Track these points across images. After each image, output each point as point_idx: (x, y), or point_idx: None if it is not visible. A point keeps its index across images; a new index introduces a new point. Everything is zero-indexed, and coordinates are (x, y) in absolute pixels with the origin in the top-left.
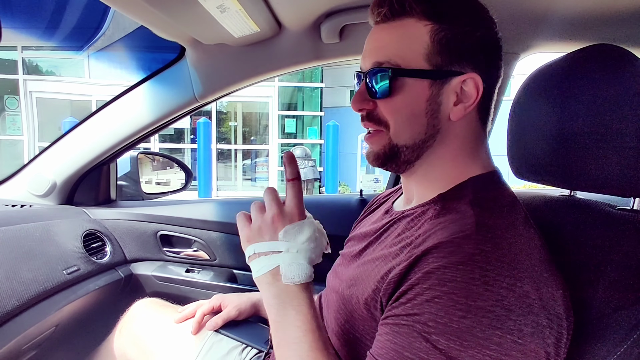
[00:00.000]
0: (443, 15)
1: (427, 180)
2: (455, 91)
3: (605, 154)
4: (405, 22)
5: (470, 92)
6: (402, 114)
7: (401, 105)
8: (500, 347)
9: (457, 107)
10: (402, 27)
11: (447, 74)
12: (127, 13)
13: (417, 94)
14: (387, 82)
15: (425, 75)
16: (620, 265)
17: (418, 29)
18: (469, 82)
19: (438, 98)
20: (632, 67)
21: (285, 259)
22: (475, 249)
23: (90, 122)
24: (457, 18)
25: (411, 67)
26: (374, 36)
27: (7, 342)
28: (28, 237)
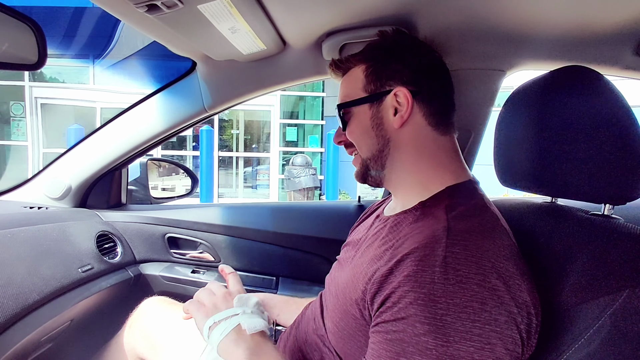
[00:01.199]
0: (371, 56)
1: (406, 189)
2: (392, 105)
3: (578, 165)
4: (352, 71)
5: (403, 101)
6: (357, 134)
7: (355, 129)
8: (481, 337)
9: (396, 116)
10: (349, 75)
11: (379, 95)
12: (143, 31)
13: (362, 116)
14: (342, 115)
15: (363, 101)
16: (586, 264)
17: (357, 72)
18: (400, 94)
19: (379, 114)
20: (599, 87)
21: (244, 316)
22: (446, 252)
23: (104, 130)
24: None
25: (352, 98)
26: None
27: (28, 334)
28: (46, 237)
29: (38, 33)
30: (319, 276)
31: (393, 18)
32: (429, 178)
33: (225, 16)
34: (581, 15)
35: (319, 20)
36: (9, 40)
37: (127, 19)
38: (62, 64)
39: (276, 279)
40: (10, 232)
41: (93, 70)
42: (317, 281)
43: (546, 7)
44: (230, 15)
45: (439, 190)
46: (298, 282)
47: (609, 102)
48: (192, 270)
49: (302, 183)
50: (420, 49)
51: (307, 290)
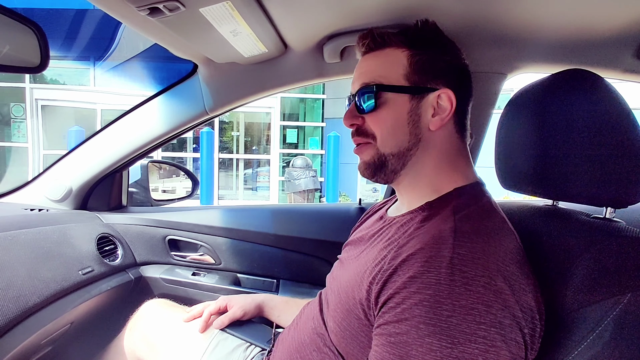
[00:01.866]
0: (417, 43)
1: (415, 190)
2: (432, 105)
3: (580, 168)
4: (386, 50)
5: (445, 105)
6: (387, 124)
7: (386, 117)
8: (486, 339)
9: (435, 118)
10: (384, 54)
11: (424, 90)
12: (144, 34)
13: (399, 106)
14: (373, 98)
15: (405, 91)
16: (588, 267)
17: (397, 54)
18: (443, 97)
19: (418, 110)
20: (600, 90)
21: None
22: (452, 253)
23: (105, 132)
24: (428, 46)
25: (393, 84)
26: (361, 64)
27: (28, 337)
28: (47, 239)
29: (41, 36)
30: (320, 278)
31: (394, 21)
32: (441, 181)
33: (226, 19)
34: (582, 19)
35: (320, 23)
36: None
37: (129, 22)
38: (63, 65)
39: (277, 281)
40: (11, 235)
41: (94, 72)
42: (317, 284)
43: (547, 11)
44: (231, 18)
45: (447, 192)
46: (299, 285)
47: (611, 105)
48: (193, 272)
49: (302, 185)
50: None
51: (308, 292)
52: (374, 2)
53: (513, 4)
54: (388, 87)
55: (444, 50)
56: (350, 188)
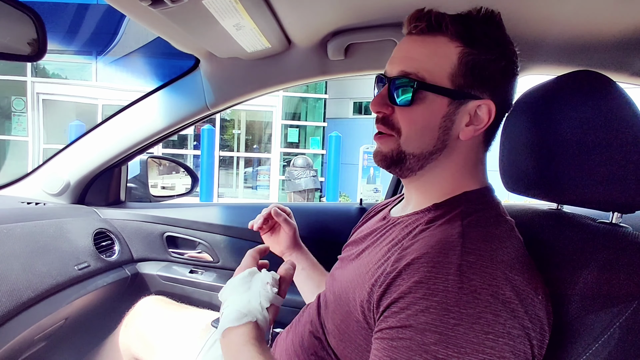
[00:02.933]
0: (474, 40)
1: (425, 190)
2: (469, 113)
3: (587, 173)
4: (438, 39)
5: (483, 116)
6: (418, 124)
7: (418, 117)
8: (494, 350)
9: (468, 128)
10: (434, 44)
11: (466, 96)
12: (147, 26)
13: (436, 109)
14: (410, 92)
15: (447, 94)
16: (595, 274)
17: (449, 48)
18: (483, 108)
19: (453, 116)
20: (610, 93)
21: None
22: (461, 260)
23: (105, 126)
24: (486, 45)
25: (435, 83)
26: (405, 46)
27: (21, 331)
28: (43, 233)
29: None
30: None
31: (398, 20)
32: (452, 185)
33: (230, 12)
34: (590, 21)
35: (325, 19)
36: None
37: (131, 13)
38: (65, 60)
39: None
40: (6, 228)
41: (95, 67)
42: None
43: (556, 12)
44: (235, 11)
45: (456, 195)
46: None
47: (621, 108)
48: (190, 270)
49: (302, 184)
50: (514, 53)
51: None
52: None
53: (522, 4)
54: (429, 86)
55: (502, 55)
56: (350, 188)
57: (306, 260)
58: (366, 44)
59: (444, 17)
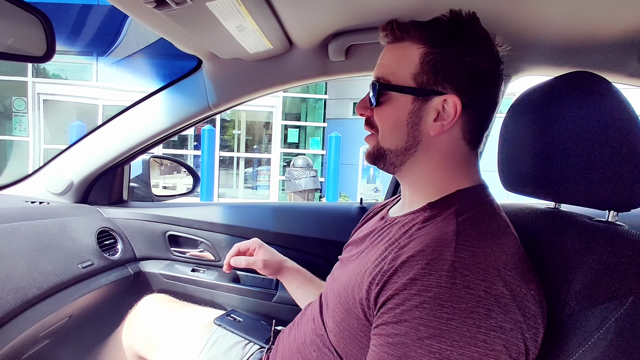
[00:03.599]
0: (436, 41)
1: (418, 189)
2: (436, 109)
3: (583, 171)
4: (405, 44)
5: (450, 111)
6: (387, 122)
7: (387, 115)
8: (486, 343)
9: (436, 123)
10: (401, 49)
11: (429, 93)
12: (150, 27)
13: (401, 106)
14: (377, 94)
15: (409, 92)
16: (591, 270)
17: (412, 51)
18: (449, 102)
19: (419, 113)
20: (606, 93)
21: None
22: (454, 256)
23: (108, 126)
24: (449, 44)
25: (398, 83)
26: (381, 55)
27: (26, 329)
28: (47, 231)
29: (47, 25)
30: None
31: None
32: (444, 182)
33: (233, 14)
34: (587, 22)
35: (326, 20)
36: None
37: (135, 15)
38: (66, 60)
39: (276, 279)
40: (11, 226)
41: (96, 68)
42: None
43: (552, 13)
44: (238, 13)
45: (449, 193)
46: None
47: (616, 108)
48: (192, 268)
49: (302, 185)
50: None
51: None
52: (379, 1)
53: (518, 5)
54: (391, 87)
55: (471, 50)
56: (350, 189)
57: (297, 278)
58: (367, 45)
59: (407, 25)
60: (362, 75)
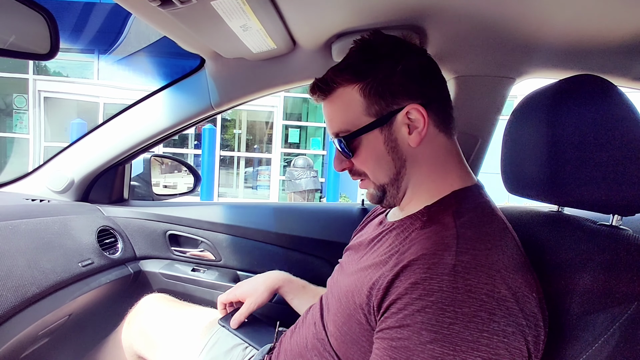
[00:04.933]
0: (365, 71)
1: (414, 197)
2: (404, 123)
3: (588, 175)
4: (337, 93)
5: (418, 118)
6: (371, 163)
7: (366, 158)
8: (489, 347)
9: (413, 134)
10: (338, 98)
11: (389, 116)
12: (154, 25)
13: (373, 143)
14: (347, 147)
15: (372, 127)
16: (595, 275)
17: (350, 93)
18: (412, 112)
19: (392, 136)
20: (611, 97)
21: None
22: (456, 260)
23: (110, 124)
24: (375, 68)
25: (358, 127)
26: (324, 112)
27: (26, 327)
28: (47, 229)
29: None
30: (320, 279)
31: (403, 22)
32: (437, 184)
33: (237, 13)
34: (592, 24)
35: (330, 21)
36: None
37: (139, 13)
38: (67, 58)
39: None
40: (11, 224)
41: (97, 66)
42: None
43: (557, 16)
44: (242, 12)
45: (445, 195)
46: None
47: (621, 111)
48: (192, 268)
49: (302, 185)
50: (411, 51)
51: None
52: (384, 2)
53: (523, 7)
54: (354, 133)
55: (395, 60)
56: (350, 190)
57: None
58: None
59: (329, 76)
60: None
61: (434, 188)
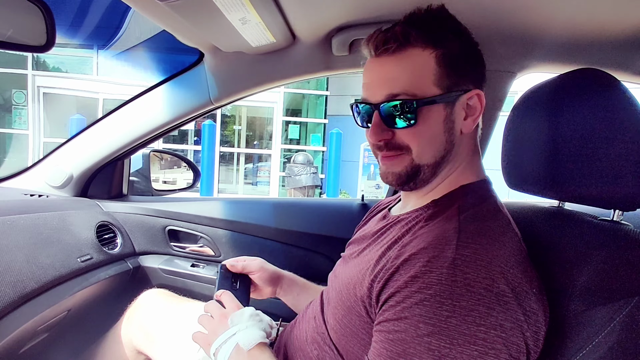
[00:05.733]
0: (442, 40)
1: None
2: (463, 107)
3: (589, 170)
4: (410, 52)
5: (476, 105)
6: (424, 137)
7: (422, 130)
8: (486, 341)
9: (467, 121)
10: (409, 58)
11: (457, 95)
12: (153, 19)
13: (435, 118)
14: (407, 113)
15: (440, 100)
16: (596, 270)
17: (424, 57)
18: (474, 97)
19: (452, 116)
20: (613, 91)
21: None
22: (455, 254)
23: (108, 119)
24: (452, 41)
25: (426, 95)
26: (379, 68)
27: (24, 322)
28: (46, 225)
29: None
30: (320, 274)
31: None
32: (451, 179)
33: (236, 6)
34: (593, 19)
35: (330, 14)
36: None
37: (138, 6)
38: (66, 53)
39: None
40: (10, 219)
41: (97, 61)
42: (317, 279)
43: (559, 9)
44: (241, 5)
45: (453, 189)
46: None
47: (623, 106)
48: (192, 264)
49: (302, 181)
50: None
51: None
52: None
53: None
54: (421, 101)
55: (466, 42)
56: (350, 186)
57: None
58: None
59: (410, 30)
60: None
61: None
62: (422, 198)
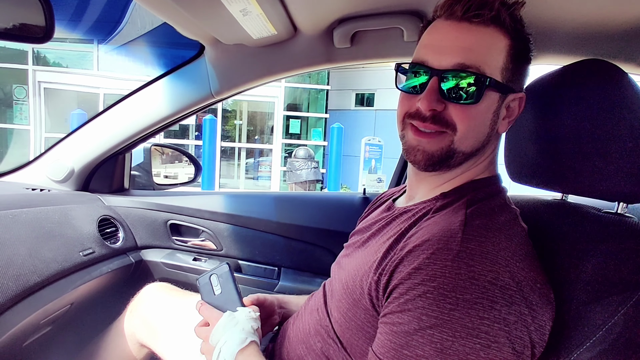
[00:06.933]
0: (518, 33)
1: (437, 181)
2: (506, 106)
3: (593, 162)
4: (492, 30)
5: (515, 108)
6: (476, 121)
7: (477, 113)
8: (489, 335)
9: (504, 121)
10: (490, 36)
11: (510, 90)
12: (153, 11)
13: (490, 104)
14: (475, 89)
15: (500, 89)
16: (600, 263)
17: (501, 41)
18: (517, 100)
19: (499, 111)
20: (619, 82)
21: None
22: (460, 247)
23: (109, 113)
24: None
25: (494, 77)
26: (456, 33)
27: (27, 316)
28: (48, 219)
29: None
30: (322, 268)
31: (406, 7)
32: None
33: None
34: (598, 9)
35: (331, 6)
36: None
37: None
38: (66, 48)
39: (278, 269)
40: (12, 213)
41: (97, 56)
42: (319, 273)
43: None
44: None
45: (463, 183)
46: (300, 273)
47: (630, 98)
48: (194, 257)
49: (303, 176)
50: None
51: (309, 281)
52: None
53: None
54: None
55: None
56: (351, 180)
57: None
58: (373, 31)
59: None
60: (368, 63)
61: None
62: (432, 190)
